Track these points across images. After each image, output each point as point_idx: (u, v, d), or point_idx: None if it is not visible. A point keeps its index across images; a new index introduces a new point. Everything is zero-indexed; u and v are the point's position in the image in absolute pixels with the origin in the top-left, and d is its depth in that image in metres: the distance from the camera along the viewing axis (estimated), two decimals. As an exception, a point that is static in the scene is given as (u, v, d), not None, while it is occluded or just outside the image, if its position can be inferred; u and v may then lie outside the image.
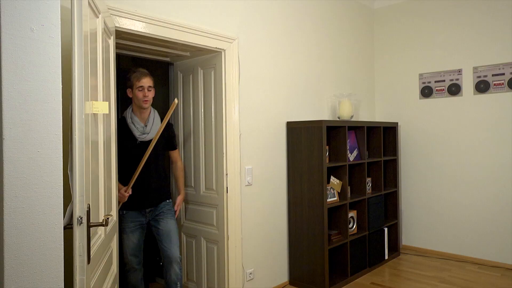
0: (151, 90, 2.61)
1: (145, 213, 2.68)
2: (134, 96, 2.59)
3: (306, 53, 3.69)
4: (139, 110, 2.64)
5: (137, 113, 2.65)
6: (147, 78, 2.58)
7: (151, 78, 2.62)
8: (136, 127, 2.61)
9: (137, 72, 2.59)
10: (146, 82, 2.57)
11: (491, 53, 3.88)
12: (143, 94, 2.56)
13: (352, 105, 3.90)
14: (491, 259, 3.88)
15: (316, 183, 3.25)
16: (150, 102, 2.62)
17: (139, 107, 2.61)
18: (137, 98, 2.58)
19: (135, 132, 2.60)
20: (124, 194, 2.51)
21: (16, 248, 1.13)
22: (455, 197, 4.11)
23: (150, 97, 2.60)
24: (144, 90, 2.56)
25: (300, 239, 3.37)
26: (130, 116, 2.63)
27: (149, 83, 2.59)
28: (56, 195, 1.22)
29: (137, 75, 2.57)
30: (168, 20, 2.54)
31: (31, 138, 1.16)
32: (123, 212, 2.63)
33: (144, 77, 2.57)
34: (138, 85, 2.56)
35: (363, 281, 3.53)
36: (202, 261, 3.09)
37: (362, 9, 4.53)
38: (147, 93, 2.57)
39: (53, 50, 1.21)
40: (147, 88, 2.57)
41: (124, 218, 2.64)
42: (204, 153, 3.09)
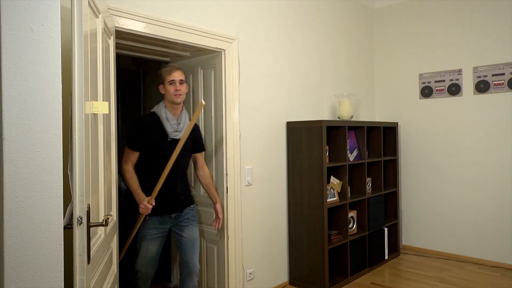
0: (183, 84, 2.49)
1: (169, 219, 2.53)
2: (166, 91, 2.48)
3: (306, 53, 3.69)
4: (171, 106, 2.50)
5: (169, 109, 2.50)
6: (178, 72, 2.47)
7: (182, 72, 2.52)
8: (170, 123, 2.46)
9: (167, 66, 2.50)
10: (177, 76, 2.45)
11: (491, 53, 3.88)
12: (175, 88, 2.44)
13: (352, 105, 3.90)
14: (491, 259, 3.88)
15: (316, 183, 3.24)
16: (183, 96, 2.49)
17: (171, 102, 2.48)
18: (169, 92, 2.46)
19: (168, 128, 2.45)
20: (148, 206, 2.34)
21: (16, 248, 1.13)
22: (455, 197, 4.11)
23: (182, 91, 2.46)
24: (175, 83, 2.45)
25: (300, 239, 3.37)
26: (165, 112, 2.48)
27: (180, 76, 2.47)
28: (56, 195, 1.22)
29: (168, 69, 2.47)
30: (168, 20, 2.54)
31: (31, 138, 1.16)
32: (147, 217, 2.47)
33: (175, 71, 2.46)
34: (169, 79, 2.45)
35: (363, 281, 3.53)
36: (202, 261, 3.09)
37: (362, 9, 4.53)
38: (178, 86, 2.44)
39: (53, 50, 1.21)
40: (179, 81, 2.45)
41: (146, 223, 2.47)
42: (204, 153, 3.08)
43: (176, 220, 2.55)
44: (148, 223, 2.47)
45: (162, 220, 2.50)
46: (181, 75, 2.47)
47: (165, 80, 2.47)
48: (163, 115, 2.46)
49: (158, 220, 2.48)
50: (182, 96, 2.47)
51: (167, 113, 2.48)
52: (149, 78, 4.35)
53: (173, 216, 2.53)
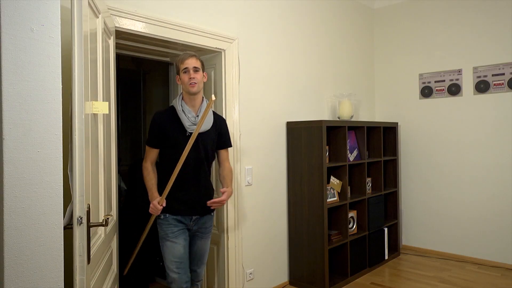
0: (198, 71, 2.27)
1: (189, 221, 2.33)
2: (181, 81, 2.29)
3: (306, 53, 3.69)
4: (188, 98, 2.29)
5: (187, 101, 2.30)
6: (191, 59, 2.27)
7: (198, 59, 2.31)
8: (187, 116, 2.25)
9: (181, 54, 2.32)
10: (190, 63, 2.25)
11: (491, 53, 3.88)
12: (189, 76, 2.23)
13: (352, 105, 3.90)
14: (491, 259, 3.88)
15: (316, 183, 3.24)
16: (199, 86, 2.26)
17: (188, 93, 2.27)
18: (183, 82, 2.26)
19: (185, 122, 2.24)
20: (157, 206, 2.19)
21: (16, 248, 1.13)
22: (455, 197, 4.11)
23: (197, 79, 2.24)
24: (189, 71, 2.24)
25: (300, 239, 3.37)
26: (181, 104, 2.28)
27: (195, 63, 2.26)
28: (56, 195, 1.22)
29: (181, 57, 2.29)
30: (168, 20, 2.54)
31: (31, 138, 1.16)
32: (164, 215, 2.27)
33: (188, 58, 2.26)
34: (183, 67, 2.25)
35: (363, 281, 3.53)
36: (202, 261, 3.09)
37: (362, 9, 4.53)
38: (192, 74, 2.23)
39: (53, 50, 1.21)
40: (193, 69, 2.24)
41: (164, 222, 2.28)
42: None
43: (195, 223, 2.35)
44: (166, 222, 2.28)
45: (182, 219, 2.31)
46: (195, 62, 2.27)
47: (179, 69, 2.29)
48: (179, 107, 2.27)
49: (177, 219, 2.29)
50: (198, 85, 2.25)
51: (184, 105, 2.28)
52: (149, 78, 4.35)
53: (194, 218, 2.33)
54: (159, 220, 2.29)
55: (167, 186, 2.17)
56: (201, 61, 2.32)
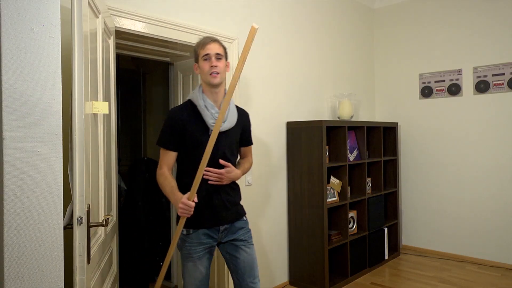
0: (221, 59, 1.95)
1: (217, 233, 1.98)
2: (200, 70, 1.96)
3: (306, 53, 3.69)
4: (209, 90, 1.96)
5: (208, 94, 1.96)
6: (214, 44, 1.94)
7: (222, 45, 1.99)
8: (210, 112, 1.91)
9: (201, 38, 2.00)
10: (213, 49, 1.93)
11: (491, 53, 3.88)
12: (210, 64, 1.91)
13: (352, 105, 3.90)
14: (491, 259, 3.88)
15: (316, 183, 3.24)
16: (221, 76, 1.93)
17: (208, 84, 1.94)
18: (203, 71, 1.93)
19: (208, 119, 1.90)
20: (189, 203, 1.77)
21: (16, 248, 1.13)
22: (455, 197, 4.11)
23: (220, 68, 1.92)
24: (210, 59, 1.92)
25: (300, 239, 3.37)
26: (202, 98, 1.94)
27: (217, 49, 1.94)
28: (56, 195, 1.22)
29: (201, 41, 1.97)
30: (168, 20, 2.54)
31: (31, 138, 1.16)
32: (187, 231, 1.93)
33: (210, 43, 1.94)
34: (203, 53, 1.93)
35: (363, 281, 3.53)
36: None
37: (362, 9, 4.53)
38: (215, 62, 1.91)
39: (53, 50, 1.21)
40: (215, 56, 1.92)
41: (188, 239, 1.93)
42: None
43: (225, 234, 2.00)
44: (189, 238, 1.93)
45: (208, 233, 1.95)
46: (218, 48, 1.95)
47: (198, 56, 1.96)
48: (201, 102, 1.92)
49: (203, 234, 1.94)
50: (221, 75, 1.93)
51: (206, 99, 1.94)
52: (149, 78, 4.35)
53: (222, 229, 1.98)
54: (182, 235, 1.95)
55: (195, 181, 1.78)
56: (224, 47, 2.00)
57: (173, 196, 1.85)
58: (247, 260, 2.02)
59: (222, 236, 2.00)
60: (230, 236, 2.00)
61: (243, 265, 2.01)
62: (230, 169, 1.93)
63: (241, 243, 2.02)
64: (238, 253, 2.01)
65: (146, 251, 3.42)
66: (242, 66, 1.76)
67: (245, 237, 2.04)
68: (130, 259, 3.31)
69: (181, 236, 1.95)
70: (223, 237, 2.00)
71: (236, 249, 2.02)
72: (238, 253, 2.01)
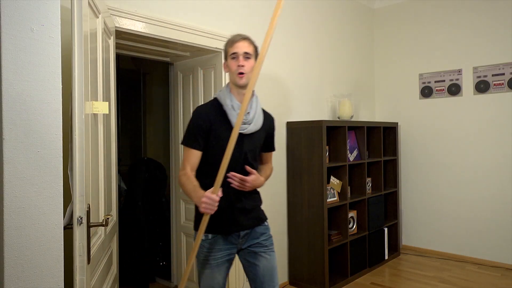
0: (250, 59, 1.84)
1: (237, 238, 1.87)
2: (228, 68, 1.87)
3: (306, 53, 3.69)
4: (237, 91, 1.86)
5: (235, 94, 1.87)
6: (243, 42, 1.85)
7: (252, 43, 1.89)
8: (236, 112, 1.81)
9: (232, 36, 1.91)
10: (241, 47, 1.83)
11: (491, 53, 3.88)
12: (237, 63, 1.82)
13: (352, 105, 3.90)
14: (491, 259, 3.88)
15: (316, 183, 3.24)
16: (248, 77, 1.81)
17: (235, 84, 1.85)
18: (231, 70, 1.84)
19: (233, 119, 1.80)
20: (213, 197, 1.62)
21: (16, 248, 1.13)
22: (455, 197, 4.11)
23: (247, 68, 1.82)
24: (238, 58, 1.82)
25: (300, 239, 3.37)
26: (230, 98, 1.84)
27: (246, 48, 1.84)
28: (56, 195, 1.22)
29: (230, 39, 1.88)
30: (168, 20, 2.54)
31: (31, 138, 1.16)
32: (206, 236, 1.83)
33: (239, 41, 1.85)
34: (231, 51, 1.84)
35: (363, 281, 3.53)
36: (202, 261, 3.08)
37: (362, 9, 4.53)
38: (242, 61, 1.81)
39: (53, 50, 1.21)
40: (243, 55, 1.82)
41: (206, 244, 1.83)
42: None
43: (245, 240, 1.90)
44: (207, 243, 1.83)
45: (228, 239, 1.86)
46: (247, 47, 1.85)
47: (227, 54, 1.87)
48: (228, 102, 1.83)
49: (222, 240, 1.85)
50: (247, 75, 1.81)
51: (233, 99, 1.84)
52: (149, 78, 4.35)
53: (242, 234, 1.88)
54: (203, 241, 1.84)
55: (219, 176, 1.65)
56: (254, 46, 1.90)
57: (195, 194, 1.71)
58: (267, 268, 1.90)
59: (243, 242, 1.89)
60: (250, 241, 1.90)
61: (263, 273, 1.89)
62: (256, 177, 1.84)
63: (262, 250, 1.91)
64: (258, 260, 1.90)
65: (146, 251, 3.42)
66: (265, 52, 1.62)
67: (266, 243, 1.93)
68: (130, 259, 3.31)
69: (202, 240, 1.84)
70: (243, 243, 1.90)
71: (256, 256, 1.90)
72: (258, 260, 1.90)
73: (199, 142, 1.81)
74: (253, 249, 1.90)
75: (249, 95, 1.66)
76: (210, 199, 1.61)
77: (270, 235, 1.96)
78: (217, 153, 1.77)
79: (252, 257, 1.90)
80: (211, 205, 1.62)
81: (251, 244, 1.90)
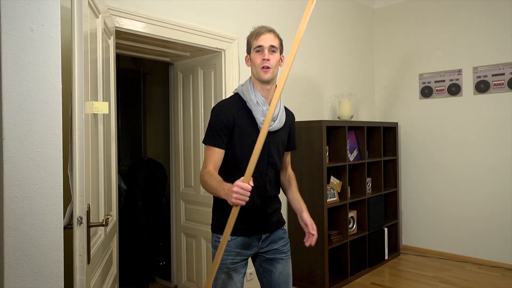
0: (275, 52, 1.75)
1: (258, 242, 1.78)
2: (252, 62, 1.76)
3: (306, 53, 3.68)
4: (260, 86, 1.75)
5: (258, 89, 1.76)
6: (269, 35, 1.75)
7: (277, 36, 1.81)
8: (262, 108, 1.71)
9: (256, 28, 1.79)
10: (267, 40, 1.73)
11: (491, 53, 3.88)
12: (262, 57, 1.71)
13: (352, 105, 3.90)
14: (491, 259, 3.88)
15: (316, 183, 3.24)
16: (273, 72, 1.72)
17: (258, 79, 1.74)
18: (254, 64, 1.73)
19: (258, 115, 1.71)
20: (245, 186, 1.43)
21: (16, 248, 1.13)
22: (455, 197, 4.11)
23: (273, 62, 1.72)
24: (263, 51, 1.72)
25: (300, 239, 3.35)
26: (254, 93, 1.74)
27: (272, 41, 1.75)
28: (56, 195, 1.22)
29: (255, 31, 1.77)
30: (168, 20, 2.54)
31: (31, 138, 1.16)
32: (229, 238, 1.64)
33: (265, 33, 1.74)
34: (256, 44, 1.73)
35: (363, 281, 3.53)
36: (202, 261, 3.09)
37: (362, 9, 4.53)
38: (267, 55, 1.71)
39: (53, 50, 1.21)
40: (269, 48, 1.72)
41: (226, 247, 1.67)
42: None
43: (266, 244, 1.80)
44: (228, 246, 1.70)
45: (248, 242, 1.75)
46: (273, 40, 1.75)
47: (251, 47, 1.76)
48: (252, 97, 1.73)
49: (242, 242, 1.74)
50: (273, 70, 1.72)
51: (257, 95, 1.74)
52: (149, 78, 4.35)
53: (263, 237, 1.79)
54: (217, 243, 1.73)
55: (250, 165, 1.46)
56: (280, 39, 1.82)
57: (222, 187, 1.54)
58: (282, 276, 1.82)
59: (262, 246, 1.79)
60: (269, 246, 1.81)
61: (278, 281, 1.81)
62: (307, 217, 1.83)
63: (279, 256, 1.82)
64: (274, 267, 1.81)
65: (146, 251, 3.42)
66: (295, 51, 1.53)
67: (284, 249, 1.84)
68: (130, 259, 3.31)
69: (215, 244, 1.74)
70: (263, 247, 1.79)
71: (272, 263, 1.81)
72: (274, 267, 1.81)
73: (223, 139, 1.70)
74: (271, 256, 1.81)
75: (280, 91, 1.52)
76: (242, 188, 1.43)
77: (287, 240, 1.88)
78: (241, 151, 1.70)
79: (269, 264, 1.82)
80: (244, 195, 1.43)
81: (269, 250, 1.81)
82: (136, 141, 4.33)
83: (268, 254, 1.81)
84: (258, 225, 1.76)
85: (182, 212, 3.25)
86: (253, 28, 1.79)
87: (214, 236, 1.77)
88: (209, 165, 1.67)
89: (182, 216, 3.25)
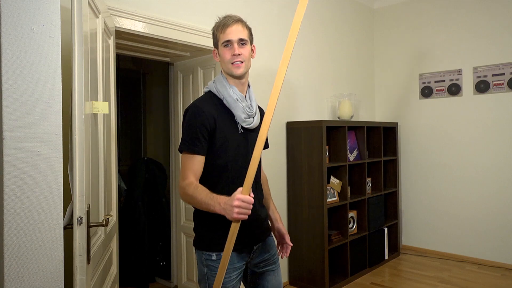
0: (246, 45, 1.59)
1: (250, 253, 1.63)
2: (220, 58, 1.61)
3: (306, 53, 3.69)
4: (234, 81, 1.61)
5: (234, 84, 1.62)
6: (236, 26, 1.58)
7: (246, 26, 1.64)
8: (241, 105, 1.57)
9: (222, 19, 1.63)
10: (235, 33, 1.56)
11: (491, 53, 3.88)
12: (232, 52, 1.56)
13: (352, 105, 3.90)
14: (491, 259, 3.88)
15: (316, 183, 3.24)
16: (246, 66, 1.59)
17: (230, 75, 1.60)
18: (223, 60, 1.58)
19: (239, 113, 1.56)
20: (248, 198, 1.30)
21: (16, 248, 1.13)
22: (455, 197, 4.11)
23: (245, 56, 1.57)
24: (232, 45, 1.56)
25: (300, 239, 3.37)
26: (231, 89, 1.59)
27: (241, 34, 1.58)
28: (56, 195, 1.22)
29: (221, 22, 1.61)
30: (168, 20, 2.54)
31: (31, 138, 1.16)
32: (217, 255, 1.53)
33: (232, 24, 1.57)
34: (223, 39, 1.57)
35: (363, 281, 3.53)
36: (202, 261, 3.08)
37: (362, 9, 4.53)
38: (238, 49, 1.55)
39: (53, 50, 1.21)
40: (238, 42, 1.57)
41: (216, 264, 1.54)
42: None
43: (257, 254, 1.66)
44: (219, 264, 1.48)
45: (241, 255, 1.59)
46: (241, 31, 1.58)
47: (218, 41, 1.61)
48: (231, 93, 1.57)
49: (236, 257, 1.57)
50: (245, 64, 1.59)
51: (235, 90, 1.59)
52: (149, 78, 4.35)
53: (255, 247, 1.64)
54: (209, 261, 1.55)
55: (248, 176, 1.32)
56: (248, 28, 1.65)
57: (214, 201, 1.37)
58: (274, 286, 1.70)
59: (254, 256, 1.65)
60: (261, 256, 1.67)
61: None
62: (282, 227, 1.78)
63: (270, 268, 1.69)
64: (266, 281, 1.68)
65: (146, 251, 3.42)
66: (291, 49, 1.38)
67: (274, 258, 1.72)
68: (130, 259, 3.31)
69: (207, 262, 1.55)
70: (254, 257, 1.65)
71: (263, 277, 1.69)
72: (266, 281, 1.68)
73: (203, 145, 1.50)
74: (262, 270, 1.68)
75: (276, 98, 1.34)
76: (244, 201, 1.29)
77: (276, 249, 1.76)
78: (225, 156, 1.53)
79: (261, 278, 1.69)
80: (246, 208, 1.30)
81: (260, 262, 1.67)
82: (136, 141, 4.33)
83: (259, 267, 1.68)
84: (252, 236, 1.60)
85: (182, 212, 3.25)
86: (218, 19, 1.63)
87: (205, 254, 1.56)
88: (189, 176, 1.48)
89: (182, 216, 3.25)
